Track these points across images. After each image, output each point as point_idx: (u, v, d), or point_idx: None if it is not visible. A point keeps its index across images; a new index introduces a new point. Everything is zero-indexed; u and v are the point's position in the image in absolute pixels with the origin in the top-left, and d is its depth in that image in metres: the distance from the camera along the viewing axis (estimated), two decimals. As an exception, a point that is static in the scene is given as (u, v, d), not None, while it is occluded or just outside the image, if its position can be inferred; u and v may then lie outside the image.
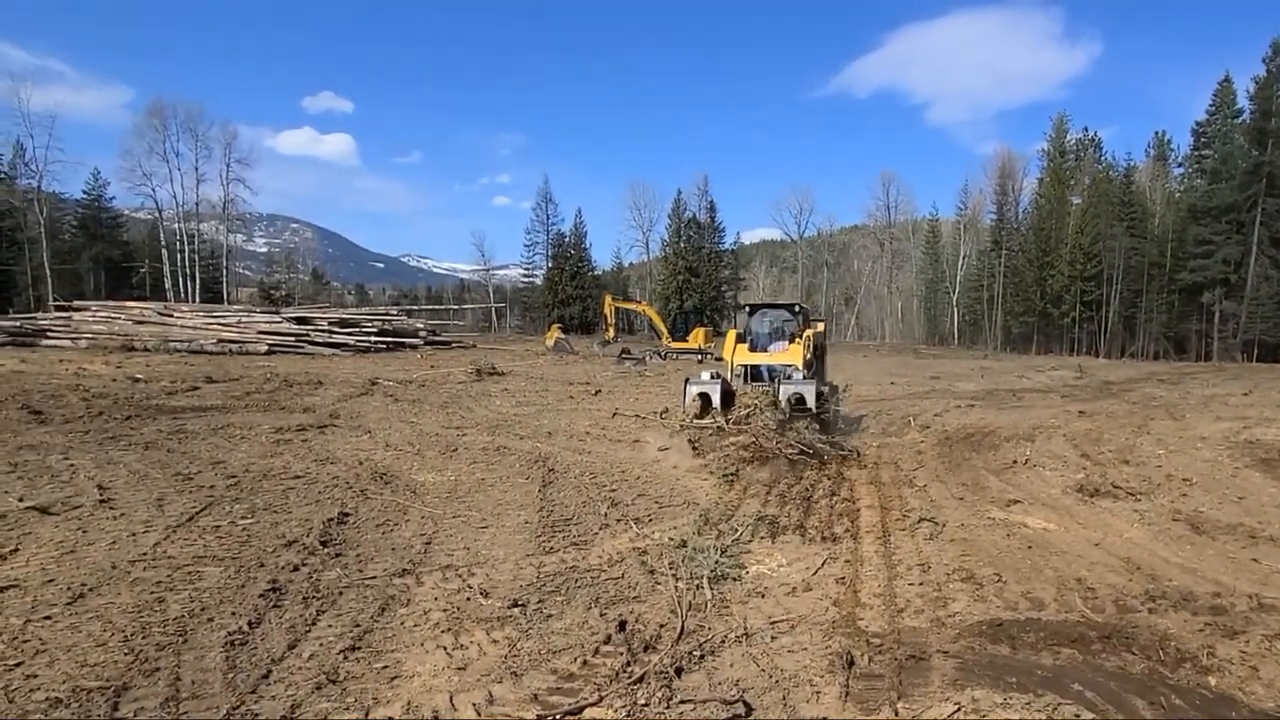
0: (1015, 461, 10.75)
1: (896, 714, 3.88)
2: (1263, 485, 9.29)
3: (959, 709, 3.88)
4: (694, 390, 11.15)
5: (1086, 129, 73.53)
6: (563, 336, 40.05)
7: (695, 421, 10.68)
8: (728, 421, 10.51)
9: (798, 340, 12.46)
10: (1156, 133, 69.53)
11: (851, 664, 4.39)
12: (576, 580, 5.84)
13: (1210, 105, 62.65)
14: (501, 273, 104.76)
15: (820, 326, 14.41)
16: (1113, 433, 13.43)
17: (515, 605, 5.23)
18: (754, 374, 12.40)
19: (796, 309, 13.61)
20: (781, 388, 10.71)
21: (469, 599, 5.33)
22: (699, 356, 34.58)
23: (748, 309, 13.93)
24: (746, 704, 3.95)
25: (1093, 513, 8.06)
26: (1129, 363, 48.64)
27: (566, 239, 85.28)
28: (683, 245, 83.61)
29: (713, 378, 11.30)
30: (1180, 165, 67.05)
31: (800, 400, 10.53)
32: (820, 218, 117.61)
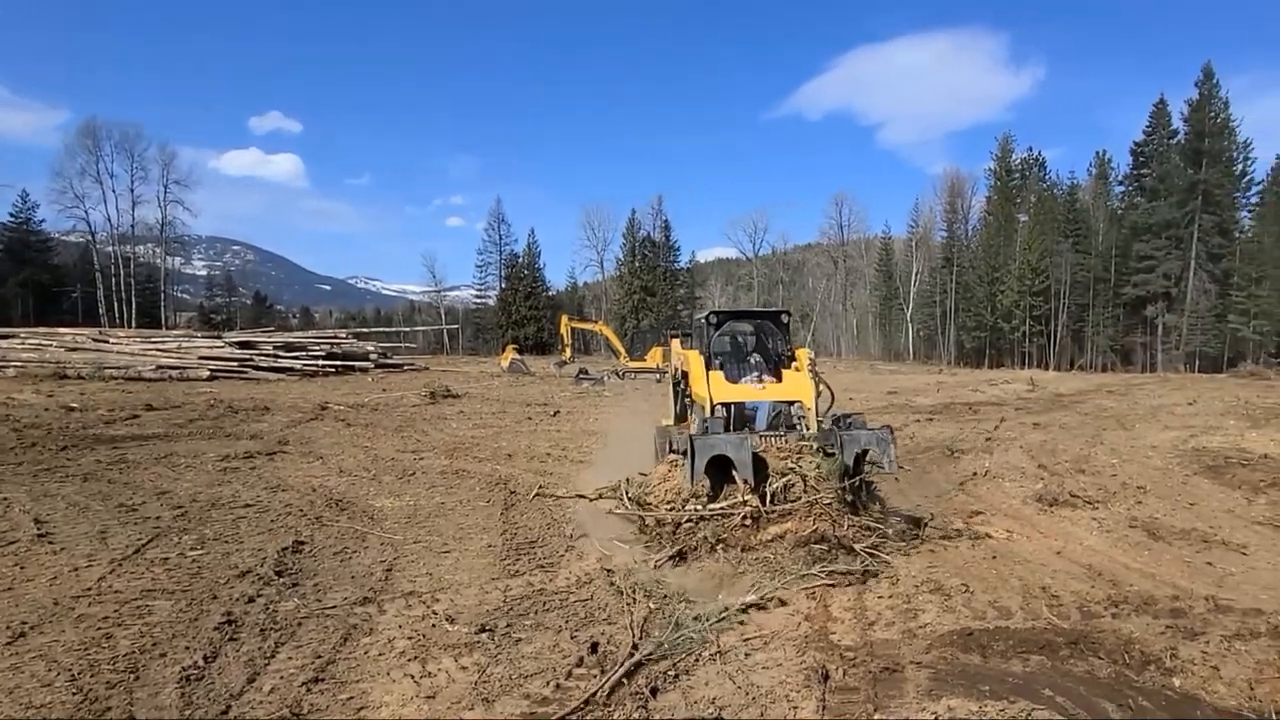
0: (975, 473, 11.03)
1: (874, 725, 3.92)
2: (1211, 491, 9.72)
3: (935, 718, 3.96)
4: (706, 453, 6.67)
5: (1031, 149, 76.63)
6: (518, 357, 39.79)
7: (709, 508, 6.73)
8: (764, 499, 6.64)
9: (793, 364, 8.68)
10: (1098, 152, 72.89)
11: (826, 678, 4.44)
12: (545, 603, 5.79)
13: (1147, 126, 65.86)
14: (454, 294, 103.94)
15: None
16: (1067, 443, 13.88)
17: (483, 630, 5.16)
18: (738, 416, 8.21)
19: (783, 318, 9.24)
20: (844, 437, 7.06)
21: (434, 626, 5.24)
22: (658, 376, 34.71)
23: (711, 319, 8.92)
24: (724, 721, 3.97)
25: (1053, 522, 8.32)
26: (1078, 375, 50.34)
27: (520, 259, 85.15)
28: (638, 264, 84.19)
29: (733, 428, 7.66)
30: (1121, 184, 70.31)
31: (858, 458, 7.18)
32: (775, 236, 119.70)
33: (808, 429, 7.49)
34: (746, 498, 6.54)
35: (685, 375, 8.99)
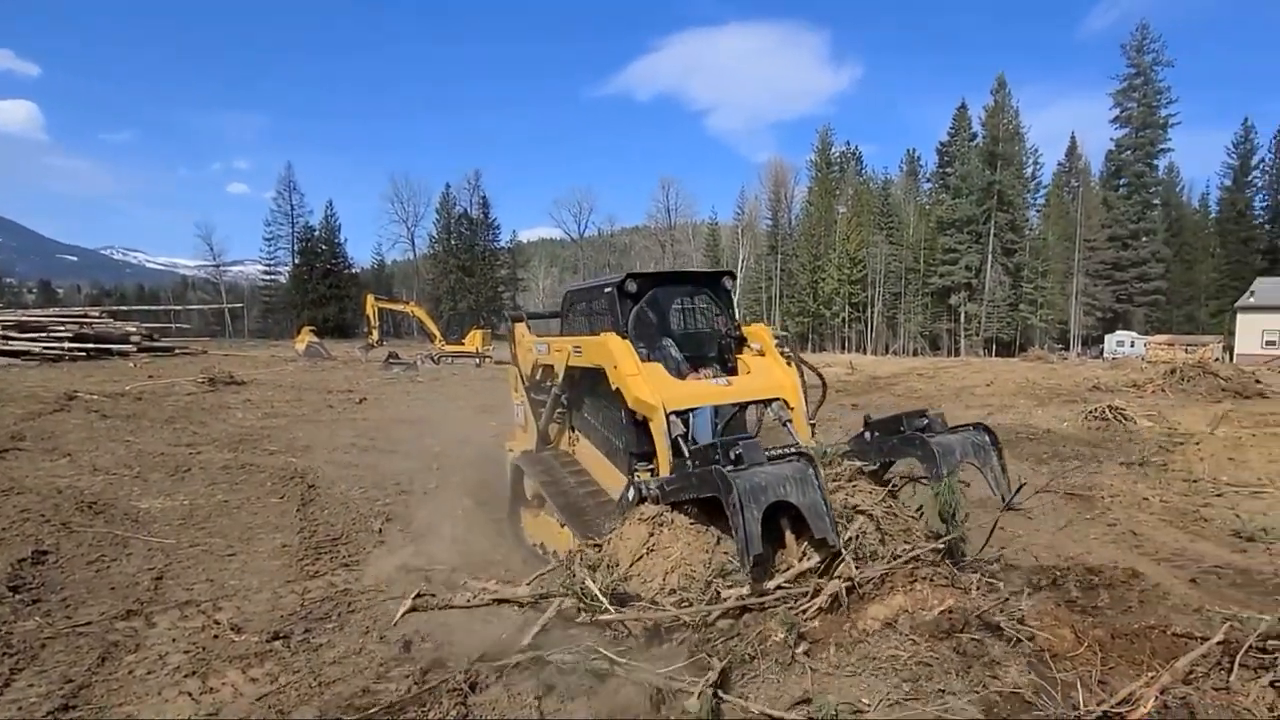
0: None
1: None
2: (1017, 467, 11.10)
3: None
4: (761, 502, 4.03)
5: (849, 143, 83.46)
6: (316, 340, 37.46)
7: (769, 586, 4.19)
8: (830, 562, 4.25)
9: (750, 347, 6.53)
10: (908, 150, 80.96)
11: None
12: (350, 604, 5.57)
13: (950, 128, 73.81)
14: (236, 269, 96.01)
15: None
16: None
17: (276, 638, 4.88)
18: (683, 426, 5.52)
19: (725, 283, 6.76)
20: (936, 447, 4.89)
21: (217, 636, 4.88)
22: (476, 360, 34.11)
23: (628, 286, 6.23)
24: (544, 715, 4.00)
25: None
26: (893, 359, 55.40)
27: (316, 233, 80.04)
28: (454, 243, 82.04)
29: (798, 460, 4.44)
30: (928, 181, 78.45)
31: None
32: (601, 218, 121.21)
33: (797, 437, 5.71)
34: (808, 563, 4.22)
35: (558, 375, 6.81)
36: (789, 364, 6.21)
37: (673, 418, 5.29)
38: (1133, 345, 53.58)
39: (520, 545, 7.38)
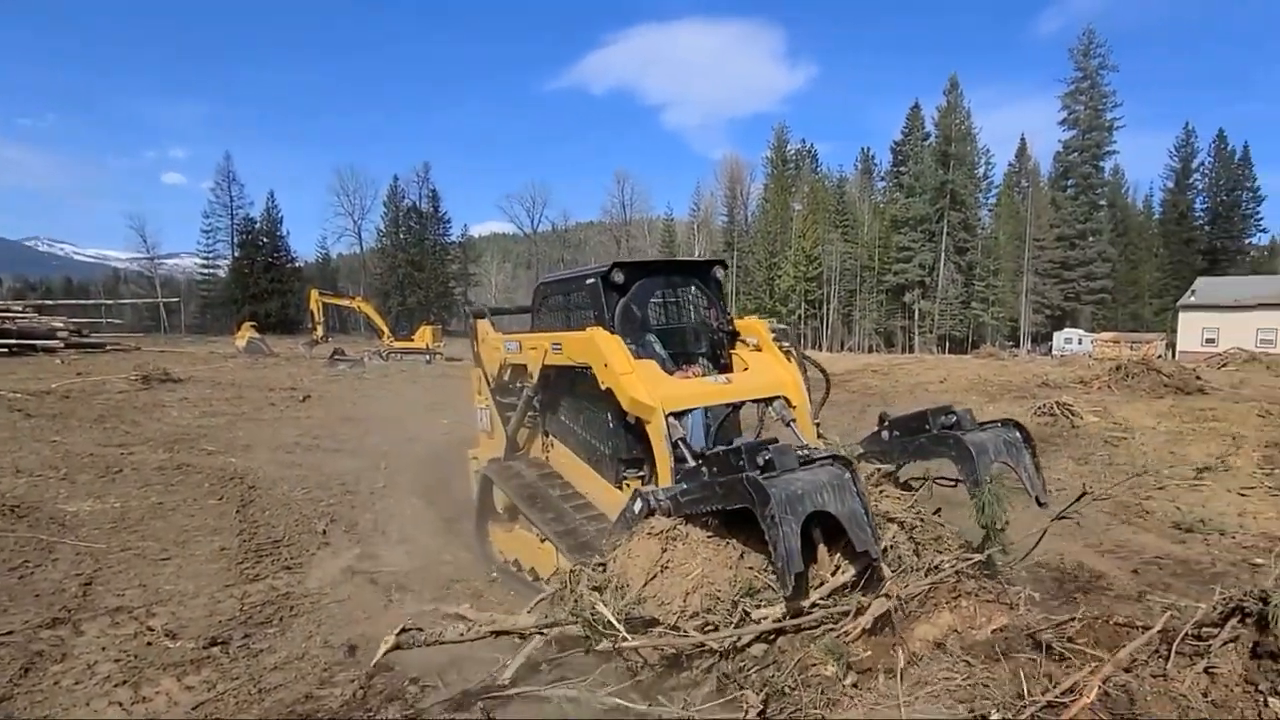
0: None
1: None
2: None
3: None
4: (799, 512, 3.65)
5: (804, 141, 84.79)
6: (257, 336, 36.58)
7: (808, 604, 3.84)
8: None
9: (745, 342, 6.16)
10: (863, 148, 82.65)
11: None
12: (292, 608, 5.46)
13: (904, 128, 75.43)
14: (172, 262, 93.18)
15: None
16: (836, 419, 15.47)
17: (214, 644, 4.75)
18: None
19: (716, 273, 6.36)
20: (970, 445, 4.63)
21: (150, 644, 4.73)
22: (426, 357, 33.68)
23: (615, 276, 5.76)
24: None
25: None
26: (848, 355, 56.21)
27: (257, 225, 78.12)
28: (403, 237, 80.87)
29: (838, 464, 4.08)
30: (883, 179, 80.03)
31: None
32: (555, 212, 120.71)
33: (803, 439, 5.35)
34: (843, 576, 3.91)
35: (532, 376, 6.37)
36: (789, 359, 5.86)
37: (672, 420, 4.92)
38: (1080, 342, 55.27)
39: (486, 561, 6.89)
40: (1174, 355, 43.37)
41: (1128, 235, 73.66)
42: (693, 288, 6.22)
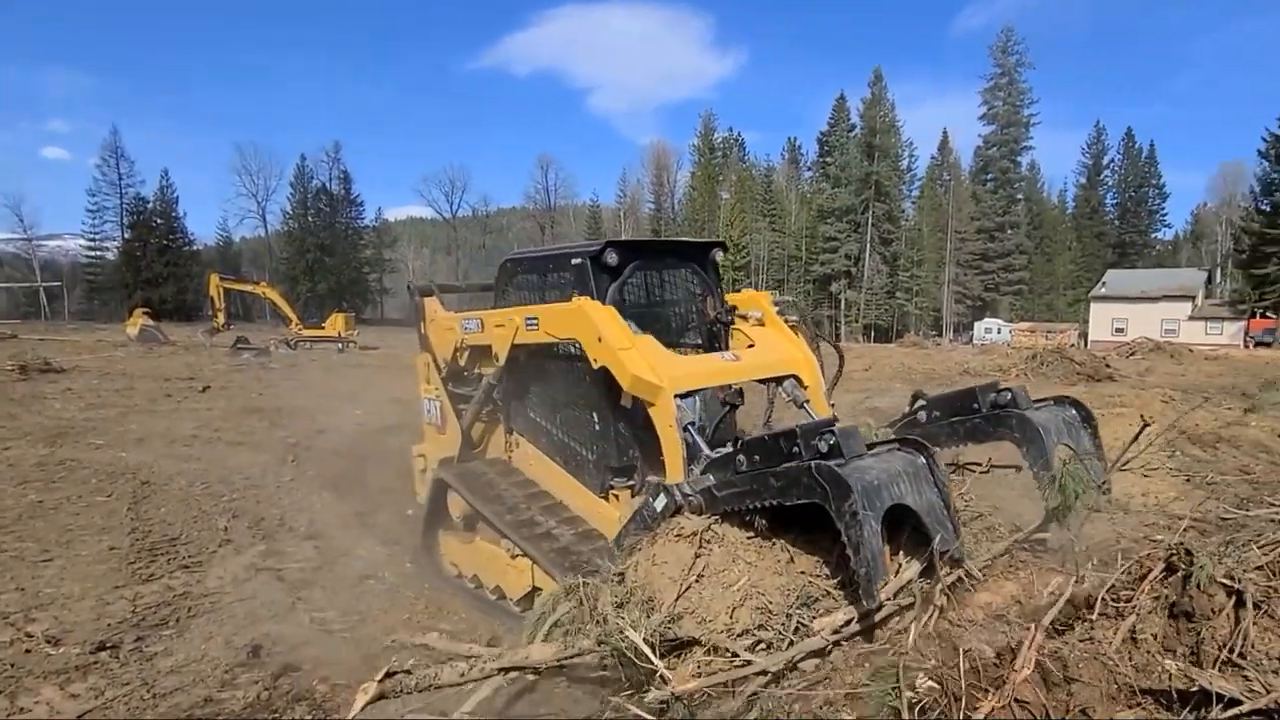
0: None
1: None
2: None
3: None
4: (880, 505, 3.32)
5: (732, 129, 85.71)
6: (151, 324, 34.87)
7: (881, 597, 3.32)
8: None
9: (750, 316, 5.68)
10: (790, 139, 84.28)
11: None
12: (190, 609, 5.24)
13: (830, 119, 77.11)
14: (53, 244, 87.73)
15: None
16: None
17: (102, 649, 4.52)
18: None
19: (715, 256, 5.92)
20: (1037, 424, 4.53)
21: (29, 650, 4.47)
22: (339, 345, 32.78)
23: (608, 257, 5.23)
24: None
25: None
26: (772, 348, 57.37)
27: (150, 205, 74.23)
28: (311, 220, 78.28)
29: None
30: (809, 170, 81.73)
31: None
32: (475, 197, 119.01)
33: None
34: (909, 572, 3.52)
35: (498, 358, 5.68)
36: (808, 338, 5.50)
37: (680, 403, 4.32)
38: (1000, 332, 57.57)
39: (434, 575, 6.30)
40: (1086, 344, 45.71)
41: (1043, 229, 77.12)
42: (689, 271, 5.76)
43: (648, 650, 3.03)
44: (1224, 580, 2.63)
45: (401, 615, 5.49)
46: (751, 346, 5.34)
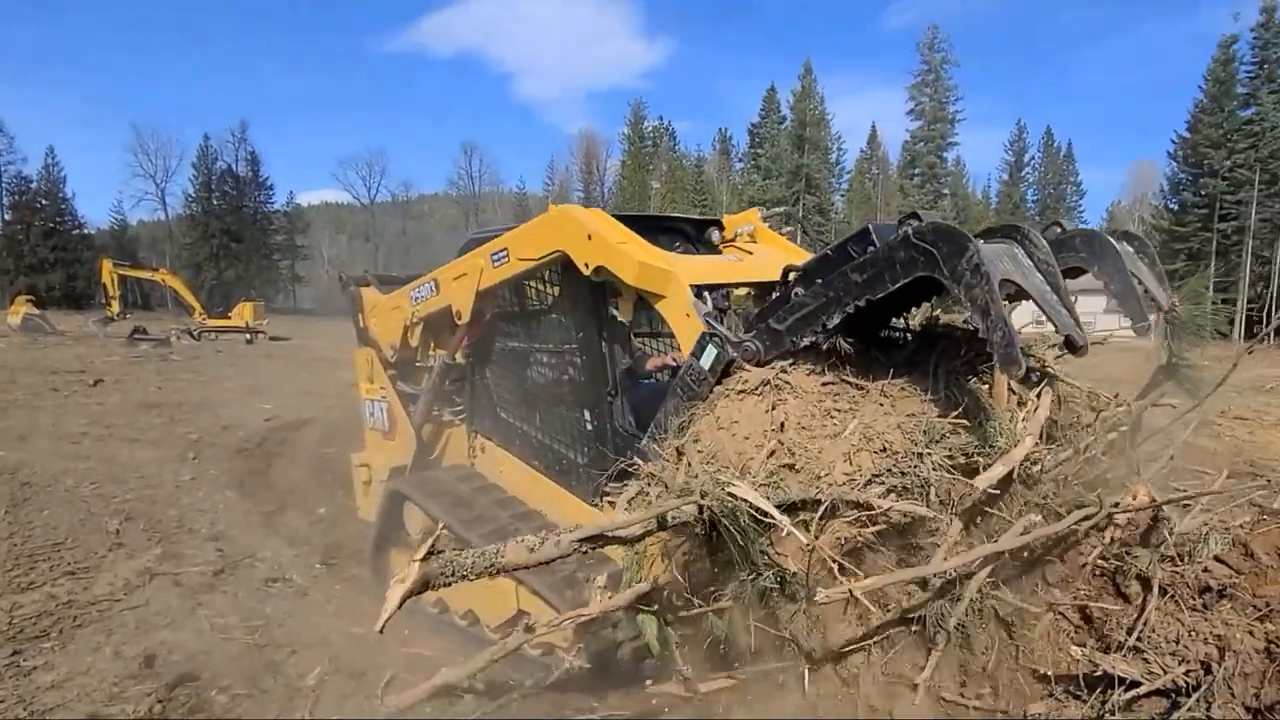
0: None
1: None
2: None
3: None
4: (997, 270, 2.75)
5: (662, 118, 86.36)
6: (35, 312, 33.08)
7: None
8: None
9: (741, 231, 5.42)
10: (721, 129, 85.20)
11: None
12: (75, 618, 4.95)
13: (761, 110, 78.27)
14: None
15: None
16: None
17: (-28, 665, 4.22)
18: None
19: (713, 236, 5.36)
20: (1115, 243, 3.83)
21: (-114, 669, 4.14)
22: (247, 336, 31.71)
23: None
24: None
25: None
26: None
27: (34, 185, 70.23)
28: (216, 203, 75.31)
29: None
30: (740, 160, 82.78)
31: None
32: (394, 182, 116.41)
33: None
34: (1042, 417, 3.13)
35: (462, 315, 4.99)
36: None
37: (695, 300, 3.70)
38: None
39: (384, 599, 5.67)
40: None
41: (968, 224, 79.43)
42: (683, 250, 5.17)
43: (768, 506, 2.52)
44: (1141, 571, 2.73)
45: (310, 619, 5.30)
46: (751, 254, 4.97)
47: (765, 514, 2.49)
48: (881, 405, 2.94)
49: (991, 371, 2.98)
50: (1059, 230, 3.60)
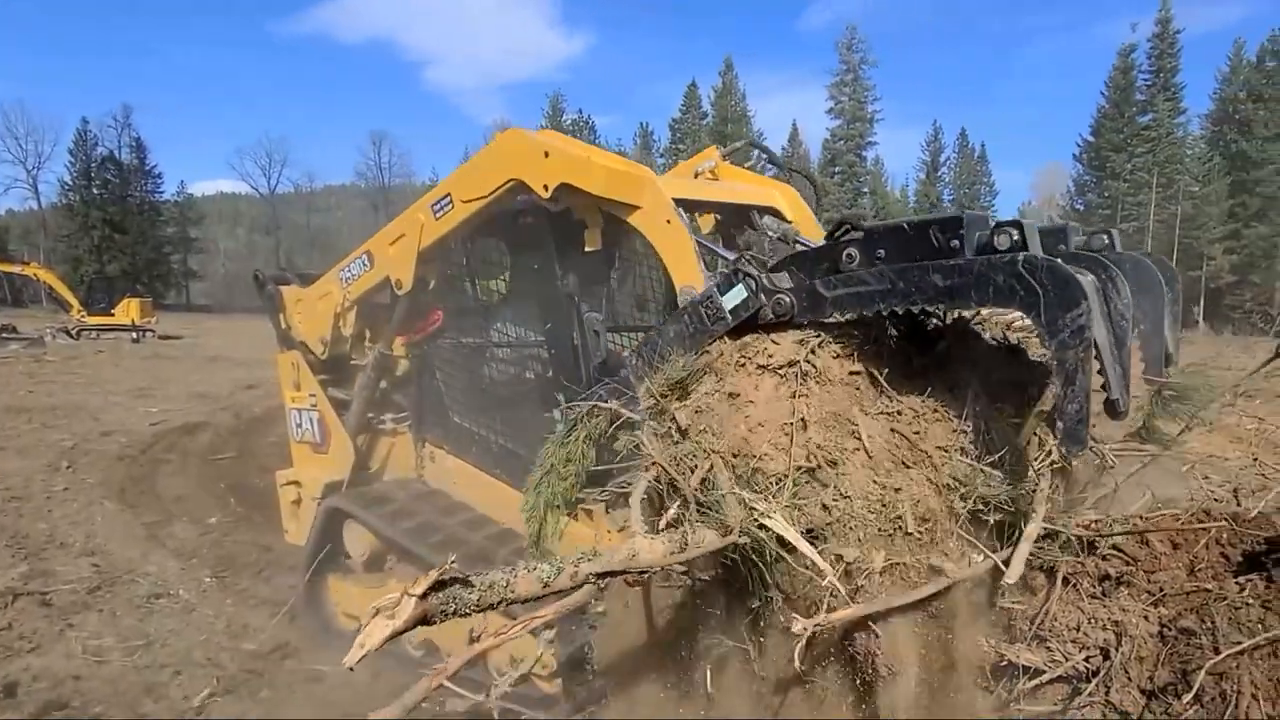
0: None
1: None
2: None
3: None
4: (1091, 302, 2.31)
5: (581, 111, 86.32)
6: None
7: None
8: None
9: (701, 168, 5.13)
10: (642, 124, 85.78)
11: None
12: (-76, 644, 4.56)
13: (682, 105, 79.31)
14: None
15: None
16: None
17: None
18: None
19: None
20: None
21: None
22: (133, 335, 30.27)
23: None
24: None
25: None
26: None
27: (-117, 168, 65.78)
28: (97, 192, 71.67)
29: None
30: (662, 156, 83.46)
31: None
32: (297, 173, 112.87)
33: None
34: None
35: (403, 284, 4.47)
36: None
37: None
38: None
39: (319, 629, 5.23)
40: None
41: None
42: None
43: (814, 556, 2.26)
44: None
45: (198, 637, 5.02)
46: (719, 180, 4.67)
47: (805, 557, 2.26)
48: (912, 424, 2.65)
49: (1028, 409, 2.68)
50: (1105, 240, 3.28)
